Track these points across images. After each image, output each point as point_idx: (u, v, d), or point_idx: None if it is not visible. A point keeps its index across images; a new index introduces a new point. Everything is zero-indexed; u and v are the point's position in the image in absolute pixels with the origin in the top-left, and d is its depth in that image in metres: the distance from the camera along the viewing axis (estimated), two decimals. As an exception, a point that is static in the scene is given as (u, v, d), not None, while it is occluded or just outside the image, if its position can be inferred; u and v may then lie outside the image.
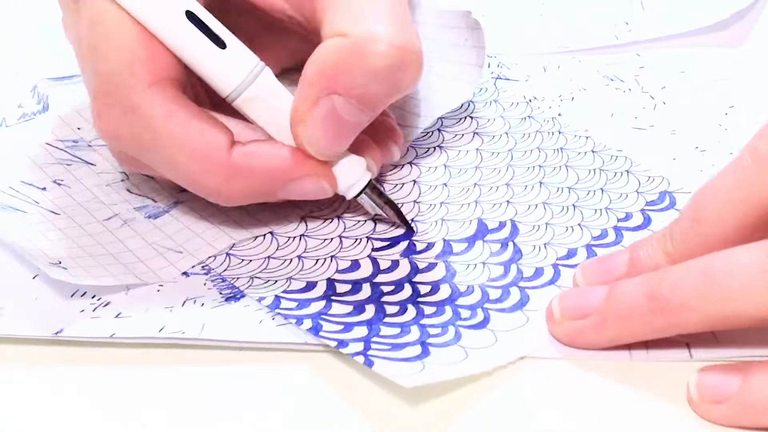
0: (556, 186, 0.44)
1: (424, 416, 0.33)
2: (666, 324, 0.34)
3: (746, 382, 0.32)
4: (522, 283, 0.38)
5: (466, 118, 0.49)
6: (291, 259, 0.40)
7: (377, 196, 0.41)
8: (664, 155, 0.45)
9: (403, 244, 0.41)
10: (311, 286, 0.39)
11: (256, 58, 0.40)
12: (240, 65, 0.39)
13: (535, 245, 0.40)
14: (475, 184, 0.44)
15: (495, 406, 0.34)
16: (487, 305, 0.37)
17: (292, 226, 0.42)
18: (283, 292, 0.38)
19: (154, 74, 0.38)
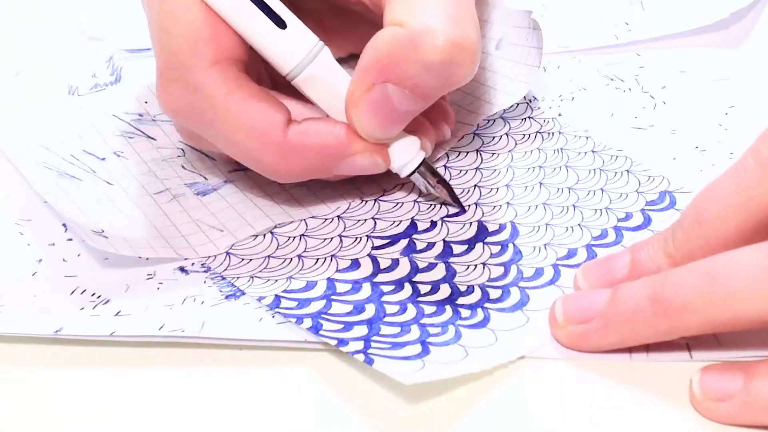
0: (556, 186, 0.44)
1: (424, 416, 0.33)
2: (669, 326, 0.33)
3: (749, 379, 0.32)
4: (522, 283, 0.38)
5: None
6: (291, 259, 0.40)
7: (431, 174, 0.42)
8: (664, 155, 0.45)
9: (403, 243, 0.41)
10: (311, 285, 0.39)
11: (315, 38, 0.40)
12: (300, 45, 0.40)
13: (536, 246, 0.40)
14: (475, 186, 0.44)
15: (495, 406, 0.34)
16: (487, 305, 0.37)
17: (330, 212, 0.43)
18: (283, 292, 0.38)
19: (217, 53, 0.39)
